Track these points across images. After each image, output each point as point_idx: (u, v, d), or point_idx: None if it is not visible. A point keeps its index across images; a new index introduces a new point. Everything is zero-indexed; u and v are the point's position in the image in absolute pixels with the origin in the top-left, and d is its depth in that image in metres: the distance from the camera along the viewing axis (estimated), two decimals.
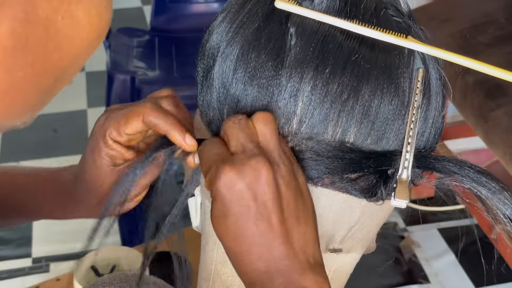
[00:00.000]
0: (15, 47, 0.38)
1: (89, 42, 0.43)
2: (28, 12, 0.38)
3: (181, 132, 0.59)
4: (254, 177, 0.50)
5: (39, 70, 0.40)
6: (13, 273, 1.94)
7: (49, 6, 0.39)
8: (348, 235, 0.58)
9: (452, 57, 0.56)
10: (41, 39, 0.39)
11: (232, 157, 0.51)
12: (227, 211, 0.50)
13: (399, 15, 0.57)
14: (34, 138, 2.34)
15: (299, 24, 0.55)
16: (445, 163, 0.55)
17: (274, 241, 0.50)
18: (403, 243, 1.97)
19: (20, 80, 0.40)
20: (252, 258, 0.51)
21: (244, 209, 0.50)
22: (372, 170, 0.55)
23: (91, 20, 0.42)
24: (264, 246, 0.50)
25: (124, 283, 0.68)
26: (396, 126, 0.55)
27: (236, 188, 0.50)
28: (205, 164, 0.53)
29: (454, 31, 1.72)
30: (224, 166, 0.50)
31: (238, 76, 0.55)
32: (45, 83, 0.42)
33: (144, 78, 1.83)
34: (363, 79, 0.53)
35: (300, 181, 0.53)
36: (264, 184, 0.50)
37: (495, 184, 0.54)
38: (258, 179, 0.50)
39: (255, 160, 0.50)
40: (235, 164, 0.50)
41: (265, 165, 0.50)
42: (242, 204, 0.50)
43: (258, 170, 0.50)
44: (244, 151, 0.51)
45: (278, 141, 0.53)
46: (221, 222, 0.51)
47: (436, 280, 1.87)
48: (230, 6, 0.59)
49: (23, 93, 0.41)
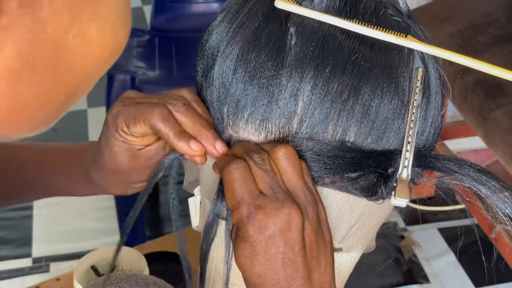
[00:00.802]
0: (21, 68, 0.36)
1: (104, 59, 0.41)
2: (36, 33, 0.36)
3: (186, 144, 0.57)
4: (287, 223, 0.51)
5: (48, 89, 0.39)
6: (13, 273, 1.94)
7: (60, 26, 0.36)
8: (348, 234, 0.58)
9: (451, 56, 0.56)
10: (50, 59, 0.37)
11: (264, 200, 0.52)
12: (256, 253, 0.52)
13: (399, 15, 0.57)
14: (34, 138, 2.34)
15: (299, 23, 0.55)
16: (445, 162, 0.55)
17: (297, 281, 0.52)
18: (403, 243, 1.97)
19: (27, 99, 0.38)
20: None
21: (273, 253, 0.51)
22: (372, 169, 0.55)
23: (106, 37, 0.39)
24: (286, 285, 0.52)
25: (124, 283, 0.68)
26: (396, 125, 0.55)
27: (268, 233, 0.51)
28: (233, 198, 0.53)
29: (454, 31, 1.72)
30: (258, 211, 0.51)
31: (238, 76, 0.55)
32: (56, 100, 0.40)
33: (144, 78, 1.83)
34: (363, 78, 0.53)
35: (322, 218, 0.54)
36: (294, 231, 0.51)
37: (495, 183, 0.54)
38: (289, 226, 0.51)
39: (288, 208, 0.51)
40: (269, 210, 0.51)
41: (297, 211, 0.51)
42: (272, 248, 0.51)
43: (290, 216, 0.51)
44: (275, 195, 0.52)
45: (302, 180, 0.53)
46: (249, 262, 0.52)
47: (436, 280, 1.87)
48: (230, 6, 0.59)
49: (32, 111, 0.39)
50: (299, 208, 0.52)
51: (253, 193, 0.52)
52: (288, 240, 0.51)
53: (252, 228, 0.51)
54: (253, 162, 0.53)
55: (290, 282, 0.52)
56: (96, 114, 2.47)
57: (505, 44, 1.66)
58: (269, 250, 0.51)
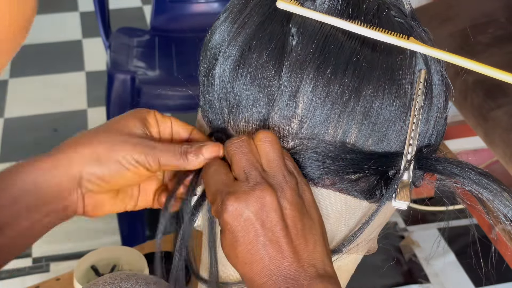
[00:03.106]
0: None
1: (13, 31, 0.41)
2: None
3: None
4: (259, 205, 0.51)
5: None
6: (13, 273, 1.94)
7: None
8: (349, 236, 0.58)
9: (453, 59, 0.55)
10: None
11: (236, 186, 0.52)
12: (236, 240, 0.51)
13: (402, 16, 0.57)
14: (34, 138, 2.34)
15: (300, 24, 0.55)
16: (446, 165, 0.55)
17: (283, 262, 0.51)
18: (403, 243, 1.97)
19: None
20: (264, 279, 0.51)
21: (252, 236, 0.51)
22: (372, 171, 0.55)
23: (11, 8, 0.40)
24: (274, 267, 0.51)
25: (124, 283, 0.68)
26: (398, 128, 0.55)
27: (243, 217, 0.51)
28: (210, 192, 0.54)
29: (454, 31, 1.72)
30: (229, 197, 0.51)
31: (239, 76, 0.55)
32: None
33: (144, 78, 1.83)
34: (365, 80, 0.53)
35: (306, 198, 0.53)
36: (269, 211, 0.51)
37: (497, 186, 0.53)
38: (263, 207, 0.51)
39: (259, 189, 0.51)
40: (239, 194, 0.51)
41: (269, 192, 0.51)
42: (250, 232, 0.51)
43: (262, 198, 0.51)
44: (247, 178, 0.52)
45: (281, 161, 0.53)
46: (232, 250, 0.52)
47: (436, 280, 1.87)
48: (233, 5, 0.59)
49: None
50: (271, 188, 0.51)
51: (226, 181, 0.53)
52: (265, 222, 0.51)
53: (227, 215, 0.51)
54: (230, 144, 0.54)
55: (277, 264, 0.51)
56: (96, 114, 2.47)
57: (505, 44, 1.66)
58: (247, 234, 0.51)
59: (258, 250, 0.51)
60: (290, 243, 0.51)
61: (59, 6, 3.29)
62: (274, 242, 0.51)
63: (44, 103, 2.54)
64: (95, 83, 2.66)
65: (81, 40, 3.00)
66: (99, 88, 2.39)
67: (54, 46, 2.96)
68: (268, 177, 0.52)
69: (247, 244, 0.51)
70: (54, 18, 3.18)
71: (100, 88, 2.14)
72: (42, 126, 2.39)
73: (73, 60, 2.84)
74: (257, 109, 0.55)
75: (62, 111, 2.49)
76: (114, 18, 2.20)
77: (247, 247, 0.51)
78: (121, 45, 1.98)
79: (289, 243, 0.51)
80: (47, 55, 2.88)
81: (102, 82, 1.94)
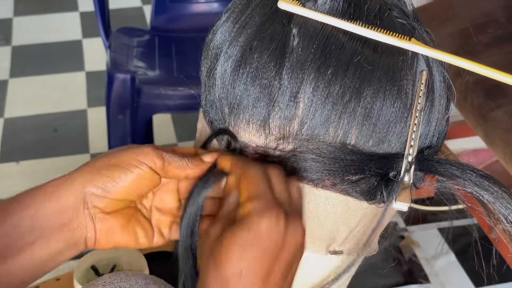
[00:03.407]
0: None
1: None
2: None
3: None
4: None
5: None
6: None
7: None
8: (349, 237, 0.58)
9: (455, 60, 0.55)
10: None
11: (284, 207, 0.51)
12: (255, 244, 0.49)
13: (404, 17, 0.57)
14: (34, 138, 2.34)
15: (301, 25, 0.55)
16: (447, 167, 0.55)
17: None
18: (403, 243, 1.97)
19: None
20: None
21: (269, 251, 0.49)
22: (373, 173, 0.55)
23: None
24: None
25: (124, 283, 0.68)
26: (399, 129, 0.55)
27: (277, 234, 0.50)
28: (253, 190, 0.51)
29: (454, 31, 1.72)
30: (279, 210, 0.50)
31: (240, 76, 0.55)
32: None
33: (144, 78, 1.83)
34: (366, 81, 0.53)
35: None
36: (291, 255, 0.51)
37: (498, 188, 0.53)
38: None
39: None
40: (286, 215, 0.50)
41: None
42: (266, 247, 0.49)
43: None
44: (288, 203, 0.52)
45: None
46: (238, 251, 0.49)
47: (436, 280, 1.87)
48: (235, 5, 0.59)
49: None
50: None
51: (269, 195, 0.51)
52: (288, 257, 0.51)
53: (264, 221, 0.49)
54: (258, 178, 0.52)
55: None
56: (96, 114, 2.47)
57: (504, 44, 1.66)
58: (265, 249, 0.49)
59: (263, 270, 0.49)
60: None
61: (59, 6, 3.29)
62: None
63: (44, 103, 2.54)
64: (95, 83, 2.66)
65: (81, 40, 3.00)
66: (99, 88, 2.39)
67: (54, 46, 2.96)
68: None
69: (262, 252, 0.49)
70: (54, 18, 3.18)
71: (100, 88, 2.14)
72: (42, 126, 2.39)
73: (73, 60, 2.84)
74: (257, 109, 0.54)
75: (62, 111, 2.49)
76: (114, 18, 2.20)
77: (262, 255, 0.49)
78: (121, 45, 1.97)
79: None
80: (47, 55, 2.88)
81: (102, 82, 1.94)
